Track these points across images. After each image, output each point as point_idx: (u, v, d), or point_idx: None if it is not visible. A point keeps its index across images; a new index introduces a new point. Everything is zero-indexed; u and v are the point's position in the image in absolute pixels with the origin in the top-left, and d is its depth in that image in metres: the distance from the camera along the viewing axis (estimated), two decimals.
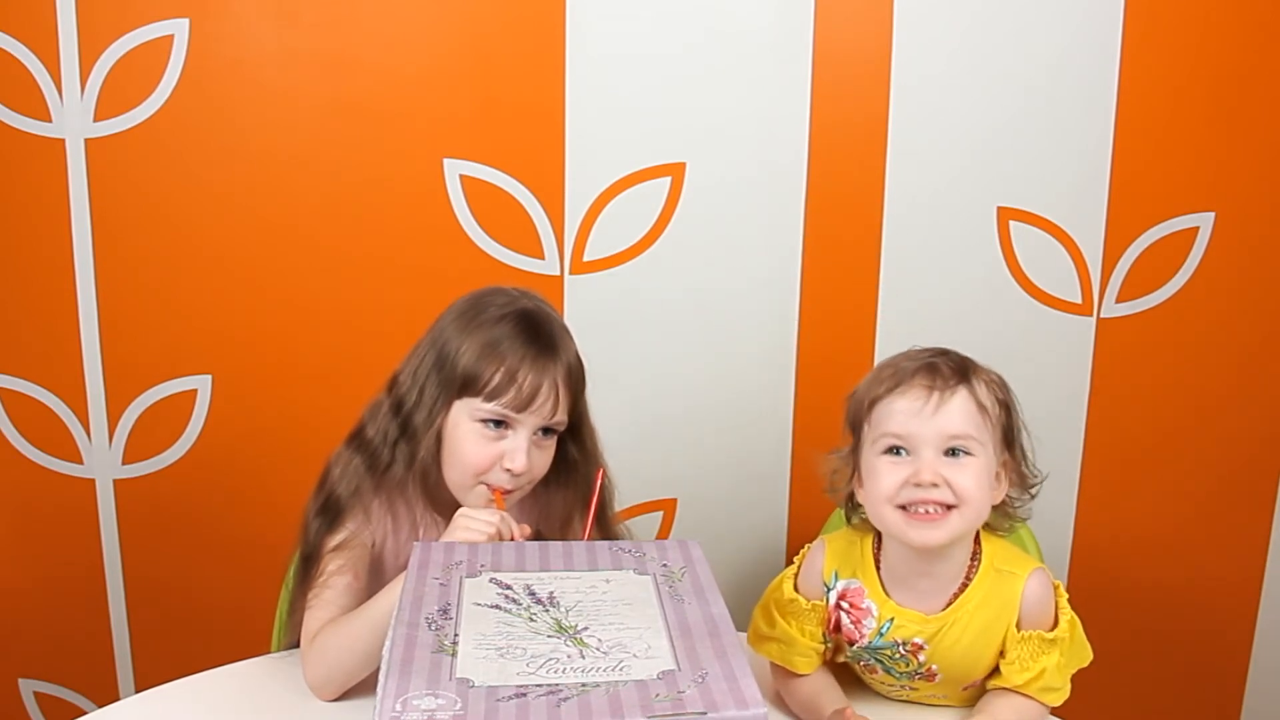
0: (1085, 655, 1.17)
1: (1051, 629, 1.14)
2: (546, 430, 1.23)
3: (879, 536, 1.18)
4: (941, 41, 1.73)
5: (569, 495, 1.29)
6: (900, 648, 1.14)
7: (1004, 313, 1.83)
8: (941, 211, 1.79)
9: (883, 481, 1.10)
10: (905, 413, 1.10)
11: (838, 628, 1.18)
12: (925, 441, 1.09)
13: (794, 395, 1.85)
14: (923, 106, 1.75)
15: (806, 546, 1.23)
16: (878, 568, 1.17)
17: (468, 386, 1.20)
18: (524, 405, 1.19)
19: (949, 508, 1.09)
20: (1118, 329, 1.85)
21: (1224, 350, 1.87)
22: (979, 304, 1.82)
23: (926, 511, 1.09)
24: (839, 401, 1.20)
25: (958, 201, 1.79)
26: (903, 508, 1.10)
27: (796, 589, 1.20)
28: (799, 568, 1.22)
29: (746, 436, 1.86)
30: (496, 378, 1.19)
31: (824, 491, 1.21)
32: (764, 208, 1.78)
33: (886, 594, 1.16)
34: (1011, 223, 1.80)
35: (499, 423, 1.20)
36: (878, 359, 1.83)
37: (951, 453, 1.09)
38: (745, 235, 1.78)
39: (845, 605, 1.17)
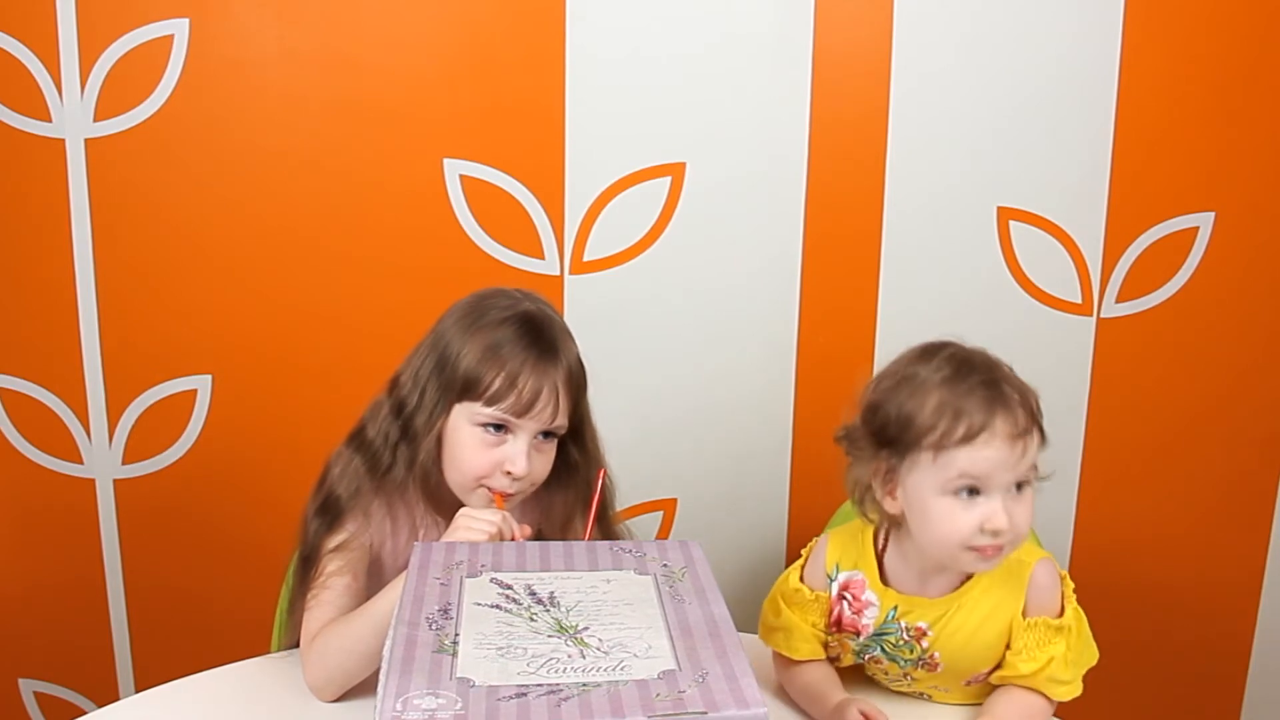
0: (1092, 654, 1.17)
1: (1058, 617, 1.13)
2: (547, 434, 1.23)
3: (882, 530, 1.18)
4: (941, 41, 1.73)
5: (570, 497, 1.29)
6: (904, 632, 1.15)
7: (1004, 313, 1.83)
8: (941, 211, 1.79)
9: (956, 526, 1.07)
10: (990, 462, 1.06)
11: (840, 623, 1.18)
12: (1002, 485, 1.07)
13: (794, 395, 1.85)
14: (923, 106, 1.75)
15: (814, 540, 1.23)
16: (880, 560, 1.17)
17: (468, 390, 1.20)
18: (524, 410, 1.19)
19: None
20: (1118, 329, 1.85)
21: (1224, 350, 1.87)
22: (979, 304, 1.82)
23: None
24: (839, 401, 1.20)
25: (958, 201, 1.79)
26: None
27: (802, 579, 1.21)
28: (805, 561, 1.22)
29: (746, 436, 1.86)
30: (497, 382, 1.18)
31: (850, 500, 1.18)
32: (764, 208, 1.78)
33: (887, 584, 1.16)
34: (1011, 223, 1.80)
35: (499, 427, 1.20)
36: (878, 359, 1.83)
37: (1017, 485, 1.08)
38: (745, 235, 1.78)
39: (848, 597, 1.17)
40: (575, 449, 1.28)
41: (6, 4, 1.62)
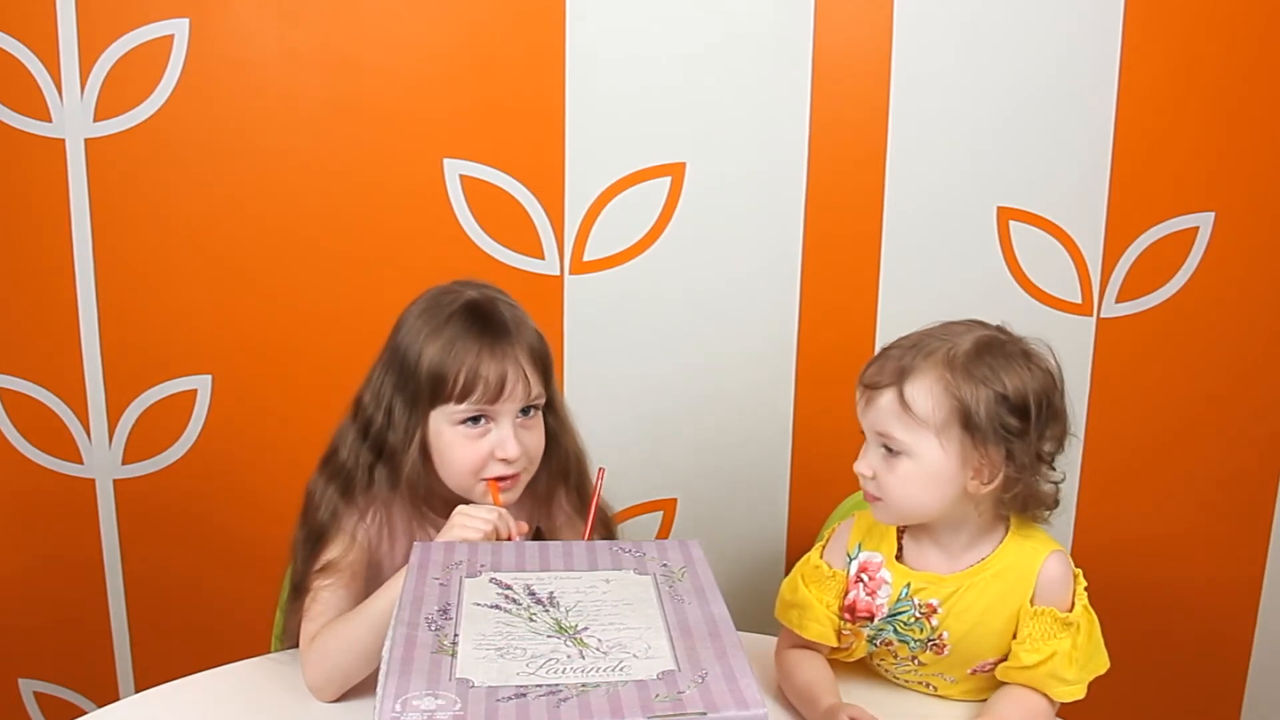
0: (1102, 661, 1.17)
1: (1067, 612, 1.14)
2: (527, 409, 1.22)
3: None
4: (941, 41, 1.73)
5: (552, 467, 1.29)
6: (916, 609, 1.16)
7: (1004, 313, 1.80)
8: (941, 211, 1.79)
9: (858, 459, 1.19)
10: (857, 403, 1.18)
11: (854, 609, 1.19)
12: (869, 433, 1.16)
13: (794, 395, 1.85)
14: (923, 106, 1.75)
15: (838, 523, 1.27)
16: (899, 538, 1.20)
17: (437, 395, 1.19)
18: (495, 396, 1.19)
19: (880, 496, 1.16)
20: (1118, 329, 1.85)
21: (1224, 350, 1.87)
22: (979, 304, 1.80)
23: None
24: (839, 401, 1.21)
25: (958, 201, 1.79)
26: None
27: (823, 557, 1.23)
28: (828, 540, 1.25)
29: (747, 436, 1.86)
30: (461, 378, 1.18)
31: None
32: (764, 208, 1.78)
33: (903, 562, 1.18)
34: (1011, 223, 1.80)
35: (478, 419, 1.20)
36: None
37: (888, 448, 1.14)
38: (745, 235, 1.78)
39: (864, 578, 1.19)
40: (550, 417, 1.28)
41: (6, 4, 1.62)
